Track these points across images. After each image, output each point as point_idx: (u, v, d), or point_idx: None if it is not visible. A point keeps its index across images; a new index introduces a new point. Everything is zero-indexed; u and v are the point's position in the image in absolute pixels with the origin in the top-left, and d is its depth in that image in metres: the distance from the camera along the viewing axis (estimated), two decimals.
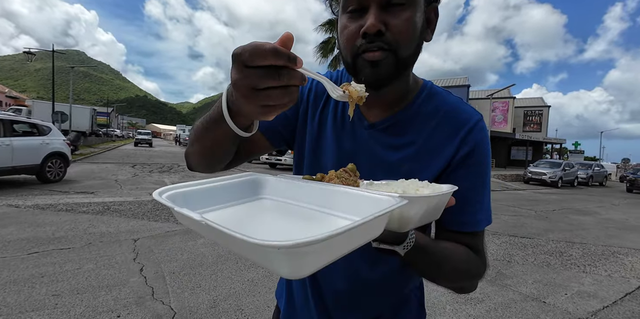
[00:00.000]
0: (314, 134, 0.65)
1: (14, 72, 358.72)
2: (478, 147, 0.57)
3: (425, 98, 0.60)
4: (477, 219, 0.57)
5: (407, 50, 0.51)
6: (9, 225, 3.74)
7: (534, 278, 3.29)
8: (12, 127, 6.21)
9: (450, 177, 0.57)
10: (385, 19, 0.48)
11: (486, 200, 0.59)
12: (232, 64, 0.33)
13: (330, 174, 0.46)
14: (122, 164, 11.95)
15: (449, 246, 0.56)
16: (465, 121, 0.57)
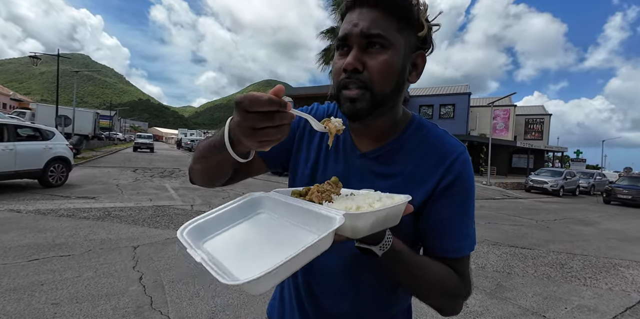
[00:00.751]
0: (310, 159, 0.70)
1: (19, 75, 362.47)
2: (460, 177, 0.60)
3: (414, 131, 0.64)
4: (460, 246, 0.60)
5: (383, 89, 0.55)
6: (10, 231, 3.75)
7: (534, 291, 3.27)
8: (16, 132, 6.27)
9: (434, 205, 0.60)
10: (364, 59, 0.54)
11: (470, 227, 0.62)
12: (235, 108, 0.41)
13: (314, 188, 0.54)
14: (123, 168, 11.99)
15: (429, 259, 0.60)
16: (450, 152, 0.61)
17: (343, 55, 0.57)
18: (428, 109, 24.57)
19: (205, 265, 0.38)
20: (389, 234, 0.52)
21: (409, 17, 0.55)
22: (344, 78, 0.56)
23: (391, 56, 0.54)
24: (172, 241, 3.88)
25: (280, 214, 0.52)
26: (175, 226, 4.54)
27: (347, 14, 0.58)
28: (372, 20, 0.53)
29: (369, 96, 0.55)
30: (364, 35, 0.53)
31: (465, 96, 23.61)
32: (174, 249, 3.59)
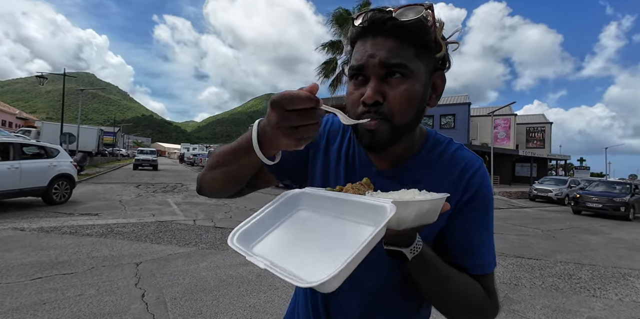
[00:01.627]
0: (324, 168, 0.68)
1: (25, 94, 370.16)
2: (480, 191, 0.59)
3: (430, 148, 0.63)
4: (484, 262, 0.59)
5: (404, 119, 0.54)
6: (13, 249, 3.76)
7: (543, 303, 3.21)
8: (22, 150, 6.37)
9: (456, 221, 0.59)
10: (384, 90, 0.52)
11: (490, 242, 0.61)
12: (271, 108, 0.41)
13: (348, 186, 0.52)
14: (126, 184, 12.04)
15: (457, 270, 0.57)
16: (468, 167, 0.60)
17: (359, 86, 0.54)
18: (428, 119, 24.75)
19: (272, 270, 0.38)
20: (419, 237, 0.50)
21: (427, 41, 0.52)
22: (363, 111, 0.53)
23: (412, 85, 0.52)
24: (175, 257, 3.87)
25: (321, 208, 0.50)
26: (177, 242, 4.53)
27: (359, 42, 0.55)
28: (390, 49, 0.51)
29: (389, 127, 0.53)
30: (383, 65, 0.51)
31: (465, 106, 23.83)
32: (177, 265, 3.58)
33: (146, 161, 21.03)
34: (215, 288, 3.04)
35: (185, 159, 36.44)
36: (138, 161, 21.17)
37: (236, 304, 2.75)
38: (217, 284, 3.13)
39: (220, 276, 3.35)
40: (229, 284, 3.14)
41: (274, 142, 0.44)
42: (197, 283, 3.13)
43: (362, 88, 0.54)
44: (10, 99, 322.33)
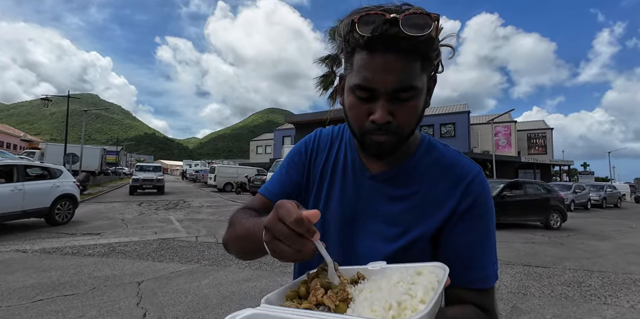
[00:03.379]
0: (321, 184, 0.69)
1: (30, 116, 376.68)
2: (479, 199, 0.58)
3: (424, 151, 0.63)
4: (485, 275, 0.57)
5: (410, 130, 0.56)
6: (15, 271, 3.74)
7: (553, 312, 3.13)
8: (25, 172, 6.44)
9: (454, 231, 0.57)
10: (393, 109, 0.52)
11: (493, 253, 0.58)
12: (273, 210, 0.40)
13: (314, 283, 0.42)
14: (128, 202, 12.04)
15: (457, 310, 0.54)
16: (465, 173, 0.59)
17: (364, 101, 0.53)
18: (428, 128, 24.89)
19: None
20: None
21: (431, 54, 0.52)
22: (372, 129, 0.54)
23: (418, 101, 0.54)
24: (177, 275, 3.83)
25: None
26: (179, 259, 4.50)
27: (366, 54, 0.51)
28: (401, 71, 0.50)
29: (397, 139, 0.55)
30: (395, 90, 0.51)
31: (464, 114, 24.00)
32: (179, 283, 3.54)
33: (148, 181, 15.45)
34: (217, 306, 2.99)
35: (188, 176, 36.51)
36: (136, 182, 15.21)
37: None
38: (220, 302, 3.08)
39: (223, 292, 3.31)
40: (231, 301, 3.10)
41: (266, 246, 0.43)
42: (200, 301, 3.08)
43: (368, 104, 0.53)
44: (15, 122, 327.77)
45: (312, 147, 0.72)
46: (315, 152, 0.72)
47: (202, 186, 24.34)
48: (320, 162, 0.70)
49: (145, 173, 16.41)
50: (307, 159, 0.72)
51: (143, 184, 15.55)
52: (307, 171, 0.71)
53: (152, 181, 15.66)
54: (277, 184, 0.72)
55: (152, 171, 17.10)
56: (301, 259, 0.40)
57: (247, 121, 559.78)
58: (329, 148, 0.71)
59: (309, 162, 0.71)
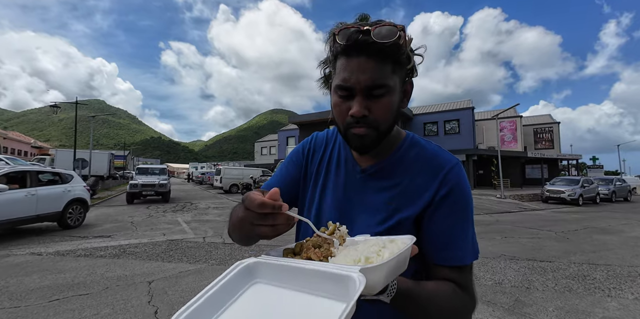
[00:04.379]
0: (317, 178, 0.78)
1: (40, 123, 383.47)
2: (456, 188, 0.64)
3: (408, 147, 0.71)
4: (461, 254, 0.63)
5: (386, 125, 0.63)
6: (32, 273, 3.89)
7: (555, 305, 3.16)
8: (38, 177, 6.63)
9: (434, 216, 0.64)
10: (368, 105, 0.60)
11: (470, 235, 0.65)
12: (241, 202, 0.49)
13: (307, 243, 0.53)
14: (137, 205, 12.25)
15: (433, 285, 0.59)
16: (443, 165, 0.66)
17: (345, 99, 0.61)
18: (432, 126, 24.77)
19: None
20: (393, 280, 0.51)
21: (401, 58, 0.60)
22: (352, 122, 0.61)
23: (391, 98, 0.61)
24: (186, 274, 3.94)
25: (280, 281, 0.44)
26: (188, 259, 4.62)
27: (343, 58, 0.60)
28: (374, 71, 0.58)
29: (375, 133, 0.62)
30: (368, 87, 0.58)
31: (468, 110, 23.82)
32: (188, 282, 3.65)
33: (148, 186, 12.82)
34: None
35: (194, 178, 36.85)
36: (134, 188, 12.52)
37: None
38: None
39: None
40: None
41: None
42: None
43: (348, 102, 0.61)
44: (25, 129, 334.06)
45: (309, 148, 0.81)
46: (312, 152, 0.80)
47: (208, 188, 24.58)
48: (317, 160, 0.79)
49: (146, 177, 13.78)
50: (304, 158, 0.80)
51: (143, 190, 12.75)
52: (304, 168, 0.80)
53: (154, 186, 12.93)
54: (277, 181, 0.81)
55: (154, 174, 14.45)
56: (281, 230, 0.48)
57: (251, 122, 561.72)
58: (324, 148, 0.80)
59: (306, 161, 0.80)
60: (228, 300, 0.42)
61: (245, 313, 0.40)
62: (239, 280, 0.44)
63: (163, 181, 13.37)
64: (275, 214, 0.46)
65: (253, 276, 0.46)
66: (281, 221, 0.47)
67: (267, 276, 0.45)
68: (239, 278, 0.44)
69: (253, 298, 0.43)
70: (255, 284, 0.45)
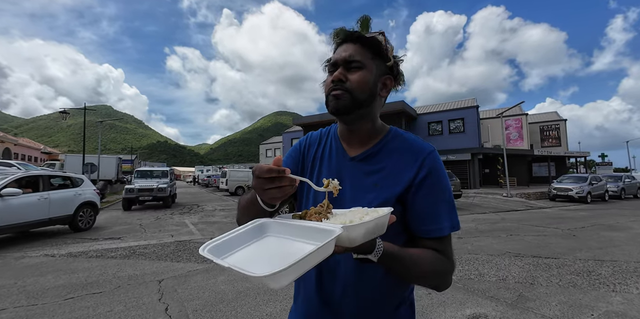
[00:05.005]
0: (313, 167, 0.90)
1: (49, 129, 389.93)
2: (433, 171, 0.75)
3: (391, 137, 0.83)
4: (440, 227, 0.73)
5: (360, 94, 0.76)
6: (46, 274, 4.03)
7: (559, 300, 3.19)
8: (50, 182, 6.82)
9: (416, 196, 0.74)
10: (347, 74, 0.76)
11: (448, 211, 0.75)
12: (252, 175, 0.59)
13: (311, 210, 0.66)
14: (145, 208, 12.44)
15: (417, 250, 0.71)
16: (421, 151, 0.78)
17: (331, 74, 0.79)
18: (437, 125, 24.69)
19: (233, 268, 0.46)
20: (379, 242, 0.63)
21: (379, 51, 0.77)
22: (332, 86, 0.77)
23: (365, 73, 0.76)
24: (195, 273, 4.04)
25: (285, 234, 0.59)
26: (196, 259, 4.72)
27: (337, 47, 0.81)
28: (353, 50, 0.76)
29: (349, 97, 0.75)
30: (347, 60, 0.76)
31: (473, 109, 23.69)
32: (197, 280, 3.75)
33: (145, 191, 11.46)
34: (233, 300, 3.18)
35: (200, 181, 37.14)
36: (130, 193, 11.20)
37: (254, 313, 2.88)
38: (236, 296, 3.27)
39: (238, 288, 3.50)
40: (246, 296, 3.28)
41: (260, 197, 0.64)
42: (217, 296, 3.28)
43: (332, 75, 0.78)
44: (35, 135, 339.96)
45: (304, 144, 0.94)
46: (307, 147, 0.93)
47: (214, 191, 24.80)
48: (312, 153, 0.91)
49: (145, 181, 12.61)
50: (301, 153, 0.93)
51: (139, 196, 11.40)
52: (302, 161, 0.92)
53: (152, 191, 11.56)
54: None
55: (155, 177, 13.28)
56: (287, 191, 0.59)
57: (255, 125, 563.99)
58: (318, 143, 0.92)
59: (303, 155, 0.92)
60: (243, 243, 0.58)
61: (255, 251, 0.56)
62: (254, 231, 0.61)
63: (163, 184, 12.14)
64: (281, 177, 0.57)
65: (265, 231, 0.62)
66: (286, 182, 0.58)
67: (275, 231, 0.61)
68: (255, 230, 0.61)
69: (264, 243, 0.59)
70: (266, 237, 0.61)
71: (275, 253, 0.55)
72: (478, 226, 7.99)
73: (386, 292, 0.77)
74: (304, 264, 0.46)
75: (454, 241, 3.60)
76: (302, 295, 0.86)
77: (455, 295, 3.31)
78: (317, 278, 0.81)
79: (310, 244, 0.53)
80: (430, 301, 3.16)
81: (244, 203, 0.76)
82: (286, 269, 0.43)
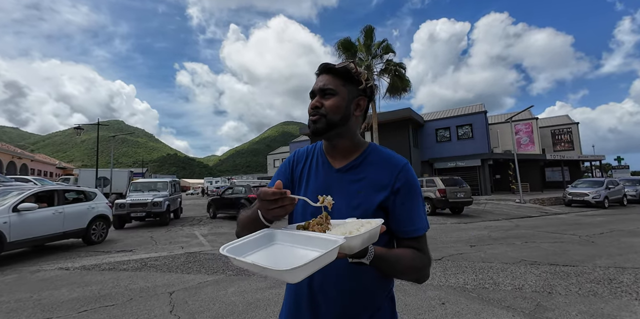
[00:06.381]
0: (301, 179, 1.00)
1: (64, 145, 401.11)
2: (407, 182, 0.88)
3: (370, 151, 0.95)
4: (415, 228, 0.87)
5: (333, 117, 0.89)
6: (61, 287, 4.09)
7: (579, 309, 3.07)
8: (64, 196, 6.98)
9: (394, 203, 0.87)
10: (321, 101, 0.90)
11: (420, 215, 0.89)
12: (257, 198, 0.71)
13: (313, 221, 0.75)
14: (155, 220, 12.55)
15: (399, 251, 0.85)
16: (397, 165, 0.90)
17: (312, 100, 0.93)
18: (445, 131, 24.51)
19: (257, 263, 0.54)
20: (371, 247, 0.74)
21: (350, 77, 0.91)
22: (311, 112, 0.90)
23: (337, 99, 0.89)
24: (205, 285, 4.04)
25: (292, 243, 0.68)
26: (206, 271, 4.73)
27: (317, 78, 0.94)
28: (326, 80, 0.90)
29: (324, 120, 0.89)
30: (321, 89, 0.90)
31: (481, 114, 23.49)
32: (207, 292, 3.74)
33: (139, 205, 9.89)
34: (244, 311, 3.16)
35: (209, 192, 37.40)
36: (121, 208, 9.69)
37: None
38: (246, 308, 3.25)
39: (248, 299, 3.48)
40: (256, 307, 3.26)
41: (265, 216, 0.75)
42: (227, 308, 3.26)
43: None
44: (50, 151, 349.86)
45: (293, 160, 1.06)
46: (295, 163, 1.04)
47: None
48: (300, 168, 1.02)
49: (138, 195, 10.81)
50: (290, 169, 1.04)
51: (131, 212, 9.78)
52: (290, 175, 1.03)
53: (146, 206, 9.87)
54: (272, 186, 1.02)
55: (154, 189, 11.50)
56: (289, 209, 0.70)
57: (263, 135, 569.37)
58: (305, 159, 1.04)
59: (292, 170, 1.04)
60: (254, 248, 0.67)
61: (266, 255, 0.66)
62: (263, 239, 0.70)
63: (159, 198, 10.27)
64: (284, 198, 0.69)
65: (273, 240, 0.71)
66: (288, 202, 0.69)
67: (282, 239, 0.70)
68: (263, 238, 0.70)
69: (272, 249, 0.69)
70: (274, 244, 0.70)
71: (285, 256, 0.63)
72: (491, 233, 7.81)
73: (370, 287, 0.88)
74: (315, 264, 0.54)
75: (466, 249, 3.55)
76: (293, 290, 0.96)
77: (470, 305, 3.22)
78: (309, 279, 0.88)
79: (315, 251, 0.60)
80: (444, 312, 3.08)
81: (245, 219, 0.86)
82: (305, 265, 0.51)
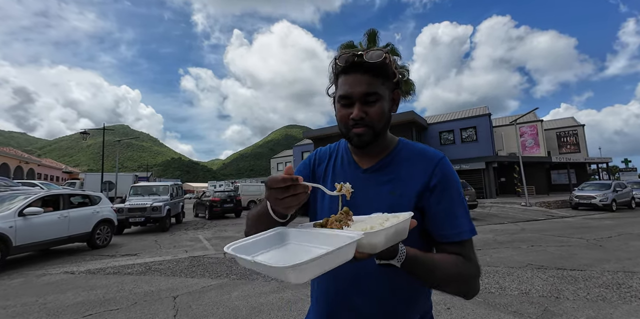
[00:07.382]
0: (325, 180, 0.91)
1: (70, 150, 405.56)
2: (445, 177, 0.77)
3: (401, 148, 0.84)
4: (458, 231, 0.74)
5: (379, 125, 0.77)
6: (66, 291, 4.11)
7: (587, 314, 3.02)
8: (70, 200, 7.05)
9: (430, 201, 0.76)
10: (365, 109, 0.75)
11: (462, 215, 0.75)
12: (265, 187, 0.58)
13: (332, 218, 0.65)
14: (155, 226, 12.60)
15: (439, 255, 0.72)
16: (432, 158, 0.79)
17: (346, 107, 0.77)
18: (448, 134, 24.42)
19: (257, 260, 0.47)
20: (402, 247, 0.62)
21: (388, 72, 0.76)
22: (353, 124, 0.76)
23: (382, 104, 0.76)
24: (209, 289, 4.04)
25: (305, 242, 0.59)
26: (210, 275, 4.73)
27: (343, 76, 0.77)
28: (367, 83, 0.74)
29: (372, 132, 0.76)
30: (364, 94, 0.74)
31: (485, 117, 23.38)
32: (211, 296, 3.74)
33: (137, 210, 9.67)
34: (247, 316, 3.15)
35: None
36: (120, 213, 9.15)
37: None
38: (249, 312, 3.24)
39: (252, 304, 3.46)
40: (260, 312, 3.24)
41: (273, 208, 0.65)
42: (231, 312, 3.25)
43: (348, 108, 0.77)
44: (57, 156, 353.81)
45: (314, 159, 0.97)
46: (317, 163, 0.95)
47: None
48: (322, 168, 0.93)
49: (138, 199, 10.43)
50: (310, 169, 0.95)
51: (129, 217, 9.55)
52: (311, 176, 0.94)
53: (145, 211, 9.61)
54: None
55: (154, 193, 11.11)
56: (302, 198, 0.59)
57: (266, 139, 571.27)
58: (328, 159, 0.94)
59: (312, 170, 0.95)
60: (266, 248, 0.59)
61: (277, 254, 0.57)
62: (275, 238, 0.62)
63: (159, 202, 9.91)
64: (296, 185, 0.57)
65: (285, 239, 0.63)
66: (300, 189, 0.58)
67: (296, 238, 0.62)
68: (275, 237, 0.62)
69: (284, 249, 0.60)
70: (287, 244, 0.62)
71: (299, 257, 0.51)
72: (496, 237, 7.73)
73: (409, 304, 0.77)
74: (324, 262, 0.46)
75: None
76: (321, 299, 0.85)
77: (476, 310, 3.18)
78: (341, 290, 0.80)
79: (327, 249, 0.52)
80: (449, 317, 3.04)
81: (254, 216, 0.77)
82: (308, 262, 0.43)
